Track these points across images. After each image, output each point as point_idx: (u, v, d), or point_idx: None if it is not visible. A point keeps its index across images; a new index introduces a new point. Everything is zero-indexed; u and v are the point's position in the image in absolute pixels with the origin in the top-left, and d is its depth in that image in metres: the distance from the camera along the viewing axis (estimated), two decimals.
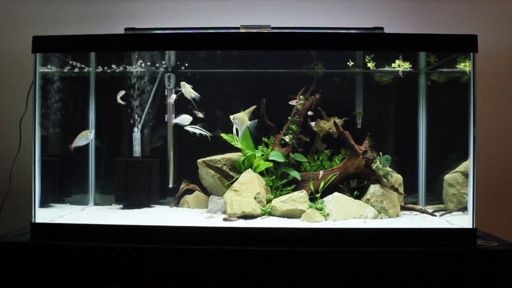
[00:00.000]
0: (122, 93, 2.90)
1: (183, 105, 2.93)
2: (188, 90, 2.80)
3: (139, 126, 3.10)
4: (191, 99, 2.82)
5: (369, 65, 2.83)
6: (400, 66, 2.82)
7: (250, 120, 2.81)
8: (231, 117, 2.81)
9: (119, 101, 2.90)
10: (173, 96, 2.94)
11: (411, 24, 3.26)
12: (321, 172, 2.84)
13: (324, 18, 3.29)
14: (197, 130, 2.83)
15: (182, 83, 2.83)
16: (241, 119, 2.78)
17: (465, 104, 2.43)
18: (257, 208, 2.65)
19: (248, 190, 2.73)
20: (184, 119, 2.86)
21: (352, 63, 2.91)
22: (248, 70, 3.18)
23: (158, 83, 3.10)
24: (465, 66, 2.55)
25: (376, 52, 2.77)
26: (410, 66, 2.85)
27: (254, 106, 2.83)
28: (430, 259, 2.27)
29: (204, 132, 2.85)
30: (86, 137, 2.81)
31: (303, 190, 2.74)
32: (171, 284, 2.29)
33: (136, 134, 3.10)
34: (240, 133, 2.85)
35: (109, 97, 2.89)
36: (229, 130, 3.00)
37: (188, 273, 2.29)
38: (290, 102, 2.89)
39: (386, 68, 3.01)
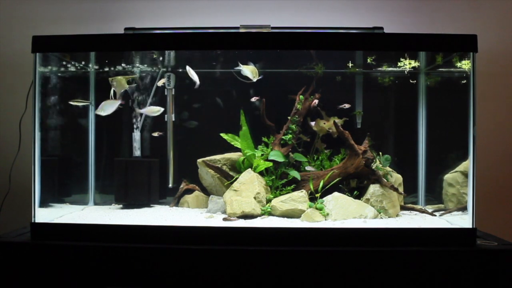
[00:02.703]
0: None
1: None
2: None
3: (139, 126, 3.10)
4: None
5: (384, 67, 2.83)
6: (405, 65, 2.82)
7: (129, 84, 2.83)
8: (110, 79, 2.79)
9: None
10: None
11: (411, 24, 3.26)
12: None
13: (324, 18, 3.29)
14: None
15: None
16: (119, 82, 2.75)
17: (465, 104, 2.43)
18: (257, 208, 2.65)
19: (248, 190, 2.73)
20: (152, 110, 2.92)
21: (352, 64, 2.91)
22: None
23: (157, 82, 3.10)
24: (465, 66, 2.55)
25: (376, 52, 2.77)
26: (418, 64, 2.85)
27: (136, 76, 2.84)
28: (430, 259, 2.27)
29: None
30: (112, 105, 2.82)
31: (303, 190, 2.74)
32: (171, 284, 2.29)
33: (136, 134, 3.10)
34: (117, 96, 2.83)
35: (108, 96, 2.89)
36: (228, 130, 3.01)
37: (188, 273, 2.29)
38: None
39: (386, 68, 3.01)
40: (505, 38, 3.24)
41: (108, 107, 2.78)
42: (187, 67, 2.77)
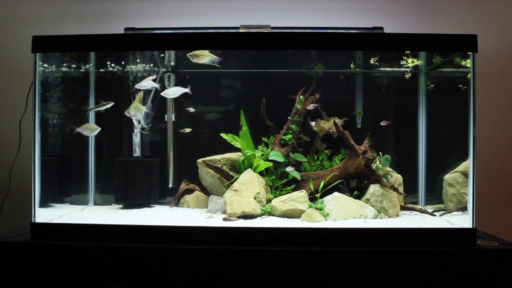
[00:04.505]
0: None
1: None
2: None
3: (139, 126, 3.10)
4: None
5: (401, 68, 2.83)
6: (407, 63, 2.82)
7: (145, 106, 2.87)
8: (126, 113, 2.82)
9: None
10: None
11: (411, 24, 3.26)
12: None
13: (324, 18, 3.29)
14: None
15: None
16: (136, 109, 2.79)
17: (465, 104, 2.43)
18: (257, 208, 2.65)
19: (248, 190, 2.73)
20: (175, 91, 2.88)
21: (353, 65, 2.91)
22: (247, 70, 3.18)
23: (157, 82, 3.10)
24: (465, 65, 2.55)
25: (376, 52, 2.77)
26: (420, 63, 2.85)
27: (142, 93, 2.84)
28: (430, 259, 2.27)
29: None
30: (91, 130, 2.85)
31: (303, 190, 2.74)
32: (171, 284, 2.29)
33: (136, 134, 3.09)
34: (142, 123, 2.89)
35: (108, 96, 2.89)
36: (228, 130, 3.01)
37: (188, 273, 2.29)
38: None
39: (386, 68, 3.02)
40: (505, 38, 3.25)
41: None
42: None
